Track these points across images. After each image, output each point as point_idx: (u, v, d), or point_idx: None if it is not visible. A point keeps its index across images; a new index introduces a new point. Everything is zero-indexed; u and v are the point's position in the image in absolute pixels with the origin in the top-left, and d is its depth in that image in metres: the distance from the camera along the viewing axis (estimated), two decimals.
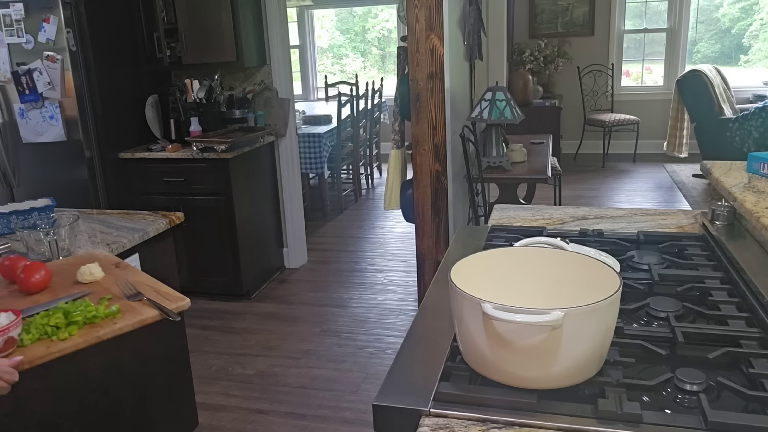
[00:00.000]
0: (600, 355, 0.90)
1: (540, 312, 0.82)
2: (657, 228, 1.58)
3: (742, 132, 4.73)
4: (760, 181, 1.54)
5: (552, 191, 4.34)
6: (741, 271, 1.21)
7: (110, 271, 1.50)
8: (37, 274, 1.42)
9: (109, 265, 1.54)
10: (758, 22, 6.95)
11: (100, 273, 1.45)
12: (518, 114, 3.15)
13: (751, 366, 0.91)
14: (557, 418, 0.84)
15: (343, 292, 3.70)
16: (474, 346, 0.93)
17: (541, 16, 6.83)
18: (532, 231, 1.56)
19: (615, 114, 6.49)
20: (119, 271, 1.51)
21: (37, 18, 3.17)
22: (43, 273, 1.42)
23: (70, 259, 1.63)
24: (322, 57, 8.37)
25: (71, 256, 1.66)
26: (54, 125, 3.28)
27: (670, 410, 0.85)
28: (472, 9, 3.24)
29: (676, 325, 1.03)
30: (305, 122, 5.31)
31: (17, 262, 1.48)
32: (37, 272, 1.42)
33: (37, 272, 1.41)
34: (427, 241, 2.90)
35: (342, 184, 5.48)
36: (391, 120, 3.53)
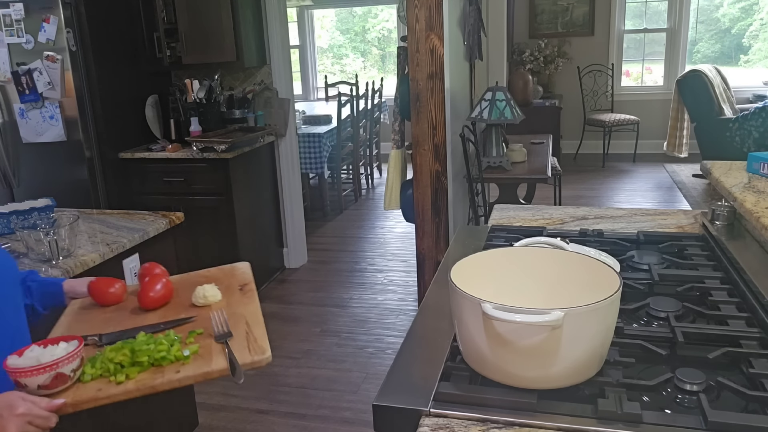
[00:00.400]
0: (600, 355, 0.90)
1: (540, 312, 0.82)
2: (657, 228, 1.58)
3: (742, 132, 4.73)
4: (760, 181, 1.54)
5: (552, 191, 4.34)
6: (741, 271, 1.21)
7: (230, 293, 1.33)
8: (152, 291, 1.27)
9: (233, 287, 1.36)
10: (758, 22, 6.95)
11: (214, 297, 1.29)
12: (518, 114, 3.15)
13: (751, 366, 0.91)
14: (557, 418, 0.84)
15: (343, 292, 3.70)
16: (474, 346, 0.93)
17: (541, 16, 6.83)
18: (532, 231, 1.56)
19: (615, 114, 6.49)
20: (237, 296, 1.32)
21: (37, 18, 3.17)
22: (159, 289, 1.28)
23: (205, 272, 1.48)
24: (322, 57, 8.37)
25: (201, 272, 1.48)
26: (54, 125, 3.28)
27: (670, 410, 0.85)
28: (472, 9, 3.24)
29: (676, 325, 1.03)
30: (305, 122, 5.31)
31: (151, 270, 1.36)
32: (152, 288, 1.27)
33: (153, 288, 1.27)
34: (427, 241, 2.90)
35: (342, 184, 5.48)
36: (391, 120, 3.53)
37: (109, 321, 1.24)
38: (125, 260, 1.90)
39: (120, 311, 1.27)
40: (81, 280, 1.34)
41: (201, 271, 1.47)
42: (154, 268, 1.36)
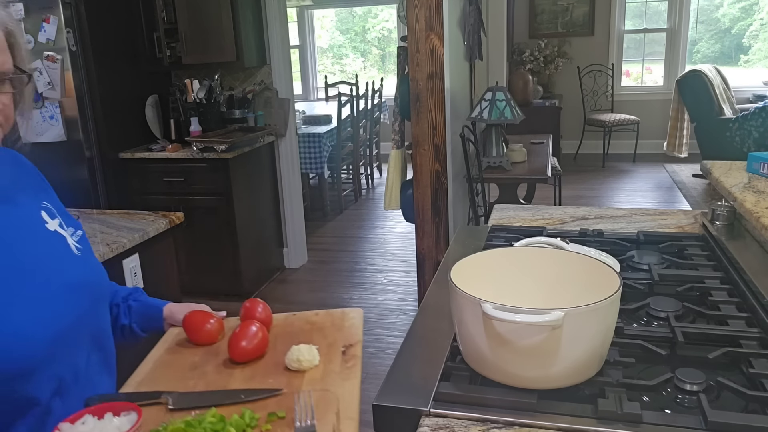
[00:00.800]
0: (600, 355, 0.90)
1: (540, 312, 0.82)
2: (657, 228, 1.58)
3: (742, 132, 4.73)
4: (760, 181, 1.54)
5: (552, 191, 4.34)
6: (741, 271, 1.21)
7: (331, 356, 1.04)
8: (244, 341, 1.05)
9: (336, 346, 1.08)
10: (758, 22, 6.96)
11: (310, 362, 1.02)
12: (518, 114, 3.15)
13: (751, 366, 0.91)
14: (557, 418, 0.84)
15: (343, 292, 3.70)
16: (474, 346, 0.93)
17: (541, 16, 6.83)
18: (532, 231, 1.56)
19: (615, 114, 6.49)
20: (336, 364, 1.04)
21: (37, 18, 3.17)
22: (252, 339, 1.04)
23: (312, 315, 1.23)
24: (322, 57, 8.37)
25: (314, 313, 1.23)
26: (54, 125, 3.28)
27: (670, 410, 0.85)
28: (472, 9, 3.24)
29: (676, 325, 1.03)
30: (305, 122, 5.31)
31: (252, 311, 1.17)
32: (245, 336, 1.05)
33: (246, 336, 1.05)
34: (427, 241, 2.90)
35: (342, 184, 5.48)
36: (391, 120, 3.53)
37: (194, 369, 1.05)
38: (125, 260, 1.90)
39: (209, 356, 1.09)
40: (182, 306, 1.23)
41: (308, 314, 1.23)
42: (256, 308, 1.17)
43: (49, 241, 0.96)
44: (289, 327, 1.18)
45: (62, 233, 1.00)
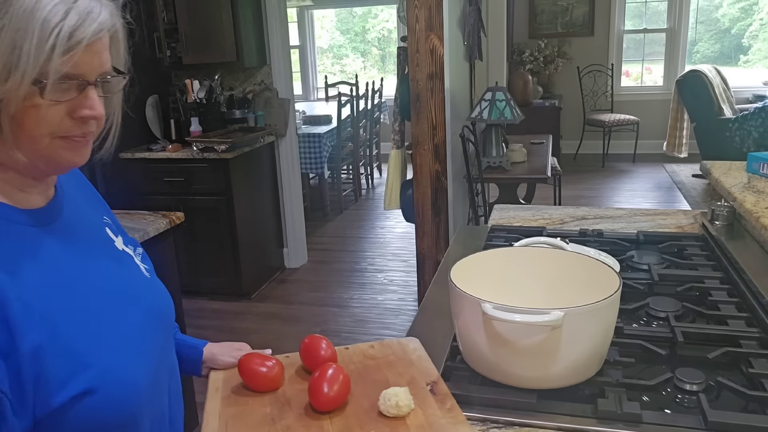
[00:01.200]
0: (600, 355, 0.90)
1: (540, 312, 0.83)
2: (657, 228, 1.58)
3: (742, 132, 4.73)
4: (759, 181, 1.54)
5: (552, 191, 4.34)
6: (740, 271, 1.21)
7: (421, 398, 0.89)
8: (328, 388, 0.88)
9: (417, 383, 0.93)
10: (758, 23, 6.96)
11: (407, 406, 0.87)
12: (518, 114, 3.15)
13: (751, 366, 0.91)
14: (557, 418, 0.84)
15: (343, 292, 3.70)
16: (474, 346, 0.93)
17: (541, 16, 6.83)
18: (532, 231, 1.56)
19: (615, 114, 6.49)
20: (431, 405, 0.88)
21: None
22: (329, 390, 0.88)
23: (366, 348, 1.06)
24: (322, 57, 8.37)
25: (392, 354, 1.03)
26: None
27: (669, 410, 0.85)
28: (472, 9, 3.24)
29: (675, 325, 1.03)
30: (305, 122, 5.31)
31: (315, 347, 0.99)
32: (329, 383, 0.88)
33: (330, 384, 0.88)
34: (427, 241, 2.90)
35: (342, 184, 5.48)
36: (391, 120, 3.53)
37: (274, 424, 0.89)
38: None
39: (282, 406, 0.92)
40: (224, 347, 1.05)
41: (362, 347, 1.06)
42: (319, 345, 0.98)
43: (122, 263, 0.84)
44: (351, 364, 1.01)
45: (129, 252, 0.88)
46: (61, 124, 0.66)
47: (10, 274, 0.64)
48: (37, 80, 0.62)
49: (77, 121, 0.68)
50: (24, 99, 0.62)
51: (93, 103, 0.68)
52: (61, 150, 0.68)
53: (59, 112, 0.66)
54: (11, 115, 0.63)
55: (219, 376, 1.03)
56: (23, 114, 0.63)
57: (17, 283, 0.64)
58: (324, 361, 0.94)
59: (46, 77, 0.62)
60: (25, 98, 0.63)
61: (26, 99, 0.63)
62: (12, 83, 0.61)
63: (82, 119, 0.68)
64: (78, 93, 0.66)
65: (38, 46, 0.61)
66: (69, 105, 0.66)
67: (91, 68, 0.67)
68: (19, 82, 0.61)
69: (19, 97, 0.62)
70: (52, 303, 0.66)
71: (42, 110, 0.64)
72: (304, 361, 1.00)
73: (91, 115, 0.69)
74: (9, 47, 0.60)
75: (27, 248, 0.67)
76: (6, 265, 0.64)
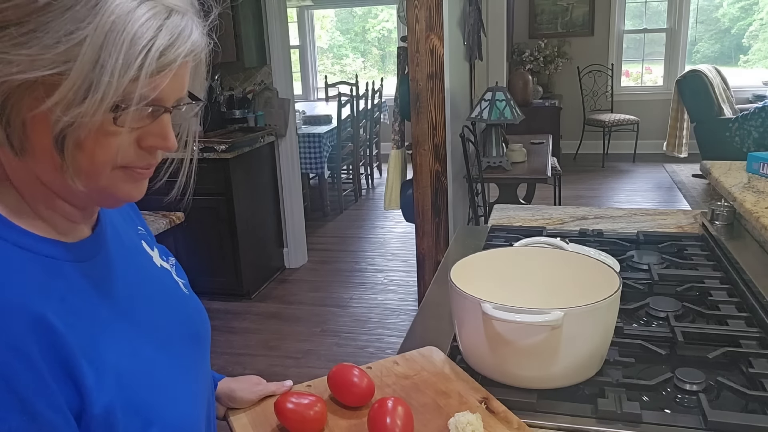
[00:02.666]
0: (600, 354, 0.90)
1: (540, 312, 0.83)
2: (657, 228, 1.58)
3: (742, 132, 4.73)
4: (759, 181, 1.54)
5: (552, 191, 4.34)
6: (741, 271, 1.21)
7: (488, 420, 0.83)
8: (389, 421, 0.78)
9: (468, 401, 0.88)
10: (758, 22, 6.96)
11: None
12: (518, 114, 3.15)
13: (751, 366, 0.91)
14: (557, 418, 0.84)
15: (343, 292, 3.70)
16: (474, 346, 0.93)
17: (541, 16, 6.83)
18: (532, 231, 1.56)
19: (615, 114, 6.49)
20: (500, 426, 0.82)
21: None
22: (400, 424, 0.78)
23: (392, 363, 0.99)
24: (322, 57, 8.37)
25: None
26: None
27: (669, 410, 0.85)
28: (472, 9, 3.24)
29: (675, 325, 1.03)
30: (305, 122, 5.31)
31: (346, 374, 0.90)
32: (389, 422, 0.78)
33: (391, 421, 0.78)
34: (427, 241, 2.90)
35: (342, 184, 5.48)
36: (391, 120, 3.53)
37: None
38: None
39: None
40: (244, 382, 0.95)
41: (386, 364, 0.99)
42: (350, 373, 0.89)
43: (164, 285, 0.75)
44: (387, 387, 0.92)
45: (167, 267, 0.79)
46: (126, 154, 0.57)
47: (70, 327, 0.56)
48: (117, 105, 0.53)
49: (144, 151, 0.59)
50: (98, 124, 0.53)
51: (167, 133, 0.60)
52: (121, 182, 0.59)
53: (128, 140, 0.57)
54: (78, 142, 0.54)
55: (244, 420, 0.89)
56: (91, 140, 0.54)
57: (78, 335, 0.56)
58: (363, 392, 0.86)
59: (128, 102, 0.53)
60: (99, 124, 0.53)
61: (99, 124, 0.54)
62: (89, 106, 0.51)
63: (151, 149, 0.60)
64: (151, 120, 0.57)
65: (124, 66, 0.51)
66: (139, 133, 0.58)
67: (171, 93, 0.58)
68: (97, 105, 0.51)
69: (94, 123, 0.52)
70: (111, 354, 0.60)
71: (111, 137, 0.55)
72: (337, 393, 0.90)
73: (163, 145, 0.60)
74: (90, 63, 0.50)
75: (78, 291, 0.59)
76: (64, 315, 0.56)
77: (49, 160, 0.55)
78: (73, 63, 0.50)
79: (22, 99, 0.52)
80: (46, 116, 0.52)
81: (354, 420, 0.86)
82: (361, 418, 0.86)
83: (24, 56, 0.50)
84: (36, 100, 0.52)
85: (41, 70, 0.50)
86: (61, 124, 0.52)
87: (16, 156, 0.55)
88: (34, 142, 0.54)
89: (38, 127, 0.53)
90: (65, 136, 0.53)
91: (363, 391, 0.86)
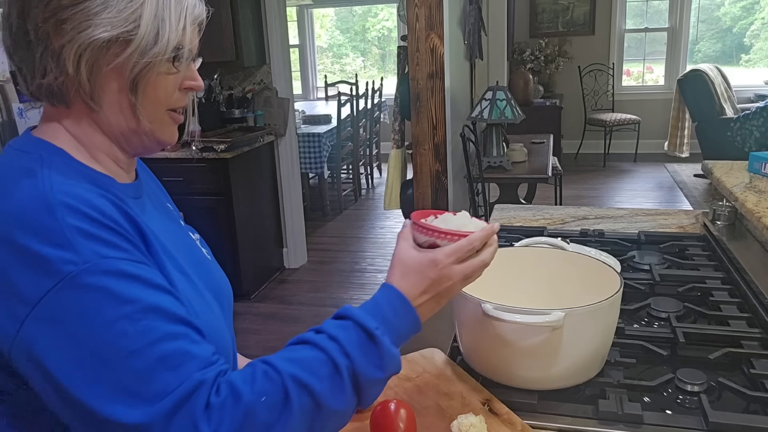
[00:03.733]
0: (601, 355, 0.90)
1: (540, 312, 0.82)
2: (658, 228, 1.58)
3: (744, 131, 4.73)
4: (761, 181, 1.54)
5: (553, 191, 4.34)
6: (742, 272, 1.20)
7: (492, 423, 0.82)
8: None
9: (471, 403, 0.87)
10: (759, 21, 6.95)
11: None
12: (519, 113, 3.15)
13: (752, 366, 0.91)
14: (558, 419, 0.83)
15: (343, 292, 3.70)
16: (474, 347, 0.93)
17: (542, 15, 6.82)
18: (533, 231, 1.55)
19: (616, 113, 6.48)
20: (498, 429, 0.82)
21: None
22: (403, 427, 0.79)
23: None
24: (321, 56, 8.36)
25: None
26: None
27: (671, 411, 0.85)
28: (473, 8, 3.24)
29: (677, 326, 1.02)
30: (305, 122, 5.31)
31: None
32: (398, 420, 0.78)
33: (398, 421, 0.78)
34: None
35: (342, 184, 5.47)
36: (391, 120, 3.52)
37: None
38: None
39: None
40: None
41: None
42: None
43: (190, 242, 0.87)
44: (388, 389, 0.90)
45: (195, 239, 0.91)
46: (173, 96, 0.73)
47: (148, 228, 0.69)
48: (176, 47, 0.70)
49: (182, 92, 0.75)
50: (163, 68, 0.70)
51: (197, 75, 0.76)
52: (167, 125, 0.75)
53: (174, 83, 0.72)
54: (147, 84, 0.69)
55: None
56: (154, 82, 0.70)
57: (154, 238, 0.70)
58: None
59: (182, 46, 0.71)
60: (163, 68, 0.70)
61: (163, 68, 0.70)
62: (159, 47, 0.68)
63: (188, 90, 0.75)
64: (187, 66, 0.74)
65: (175, 17, 0.70)
66: (180, 77, 0.73)
67: (195, 45, 0.76)
68: (165, 46, 0.68)
69: (162, 62, 0.69)
70: (171, 268, 0.71)
71: (166, 79, 0.71)
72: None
73: (198, 85, 0.76)
74: (153, 18, 0.67)
75: (138, 216, 0.70)
76: (143, 221, 0.69)
77: (117, 107, 0.70)
78: (141, 20, 0.67)
79: (102, 57, 0.67)
80: (122, 67, 0.67)
81: (356, 423, 0.86)
82: (363, 420, 0.85)
83: (105, 19, 0.65)
84: (114, 56, 0.67)
85: (119, 28, 0.66)
86: (137, 69, 0.68)
87: (93, 109, 0.69)
88: (107, 93, 0.69)
89: (112, 78, 0.68)
90: (138, 81, 0.68)
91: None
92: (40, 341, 0.58)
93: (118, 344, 0.58)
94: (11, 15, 0.67)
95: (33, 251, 0.58)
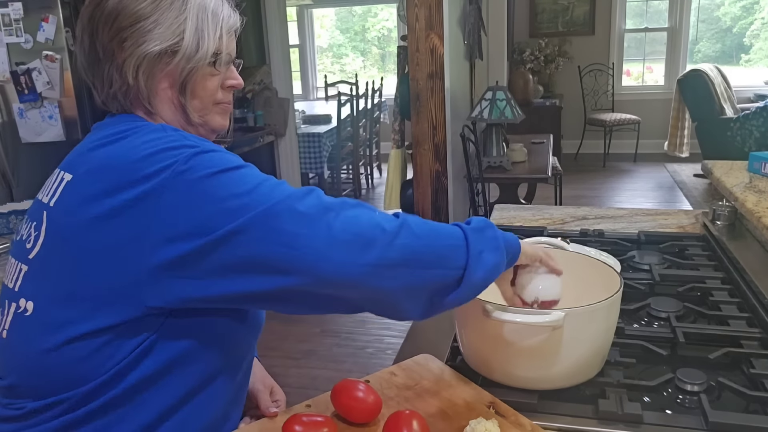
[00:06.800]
0: (601, 355, 0.90)
1: (540, 312, 0.82)
2: (658, 228, 1.58)
3: (744, 131, 4.73)
4: (761, 181, 1.54)
5: (552, 191, 4.34)
6: (742, 271, 1.20)
7: (502, 428, 0.81)
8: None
9: (477, 408, 0.86)
10: (759, 21, 6.95)
11: None
12: (518, 113, 3.15)
13: (752, 366, 0.91)
14: (558, 419, 0.83)
15: None
16: (475, 347, 0.93)
17: (542, 15, 6.82)
18: (533, 231, 1.55)
19: (616, 113, 6.48)
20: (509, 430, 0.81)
21: (36, 17, 3.16)
22: None
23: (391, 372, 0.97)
24: (321, 56, 8.36)
25: None
26: (53, 125, 3.28)
27: (670, 411, 0.85)
28: (473, 8, 3.24)
29: (676, 326, 1.03)
30: (305, 122, 5.30)
31: (351, 390, 0.86)
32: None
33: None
34: None
35: (342, 183, 5.47)
36: (391, 120, 3.53)
37: None
38: None
39: None
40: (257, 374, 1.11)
41: (382, 375, 0.97)
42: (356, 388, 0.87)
43: None
44: (390, 400, 0.89)
45: None
46: (217, 93, 0.88)
47: None
48: (215, 53, 0.85)
49: (225, 91, 0.90)
50: (206, 72, 0.84)
51: (237, 75, 0.92)
52: (217, 116, 0.89)
53: (216, 83, 0.87)
54: (193, 85, 0.84)
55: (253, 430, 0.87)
56: (200, 84, 0.85)
57: None
58: (371, 408, 0.85)
59: (220, 51, 0.85)
60: (206, 71, 0.85)
61: (206, 71, 0.85)
62: (201, 54, 0.83)
63: (230, 88, 0.91)
64: (227, 68, 0.89)
65: (213, 29, 0.84)
66: (221, 78, 0.88)
67: (233, 49, 0.90)
68: (206, 52, 0.83)
69: (204, 66, 0.84)
70: None
71: (209, 80, 0.86)
72: (343, 410, 0.86)
73: (238, 84, 0.92)
74: (195, 30, 0.82)
75: None
76: None
77: (170, 106, 0.85)
78: (184, 33, 0.82)
79: (156, 66, 0.82)
80: (173, 72, 0.83)
81: None
82: None
83: (156, 35, 0.80)
84: (165, 64, 0.82)
85: (168, 41, 0.81)
86: (184, 73, 0.83)
87: (150, 111, 0.84)
88: (161, 95, 0.84)
89: (164, 83, 0.83)
90: (186, 83, 0.84)
91: (370, 407, 0.85)
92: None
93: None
94: (84, 39, 0.83)
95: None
